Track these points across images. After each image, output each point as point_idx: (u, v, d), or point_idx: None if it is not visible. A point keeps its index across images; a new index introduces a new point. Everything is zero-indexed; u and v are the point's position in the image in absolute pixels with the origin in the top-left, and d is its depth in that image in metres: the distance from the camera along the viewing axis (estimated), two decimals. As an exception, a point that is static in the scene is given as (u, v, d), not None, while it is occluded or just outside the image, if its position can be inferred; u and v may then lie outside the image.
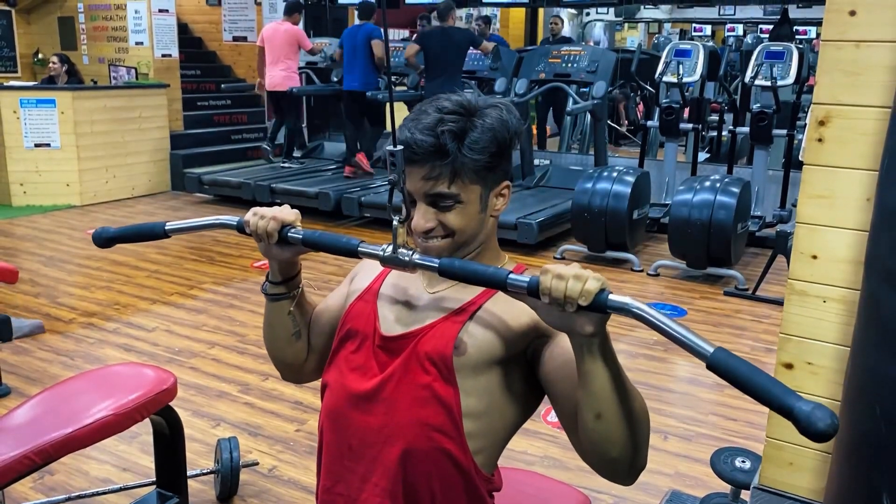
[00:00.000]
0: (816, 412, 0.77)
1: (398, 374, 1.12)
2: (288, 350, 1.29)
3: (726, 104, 7.81)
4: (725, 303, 4.52)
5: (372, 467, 1.13)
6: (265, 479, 2.57)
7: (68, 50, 8.18)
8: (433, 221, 1.12)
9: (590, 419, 0.98)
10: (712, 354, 0.84)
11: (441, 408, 1.10)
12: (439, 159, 1.09)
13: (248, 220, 1.18)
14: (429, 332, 1.13)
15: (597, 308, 0.91)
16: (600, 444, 0.99)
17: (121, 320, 4.07)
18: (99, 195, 7.07)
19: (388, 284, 1.22)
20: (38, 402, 2.02)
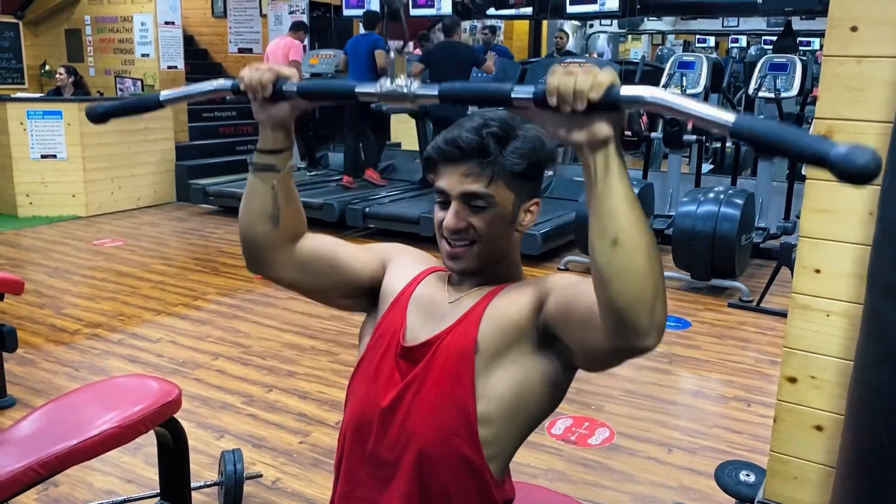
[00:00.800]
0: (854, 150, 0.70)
1: (418, 381, 1.14)
2: (258, 228, 1.22)
3: (730, 116, 7.81)
4: (730, 315, 4.51)
5: (392, 472, 1.15)
6: (269, 492, 2.57)
7: (75, 62, 8.23)
8: (464, 222, 1.14)
9: (606, 250, 0.91)
10: (735, 122, 0.78)
11: (457, 413, 1.11)
12: (480, 157, 1.12)
13: (243, 74, 1.14)
14: (446, 337, 1.15)
15: (609, 101, 0.85)
16: (619, 279, 0.91)
17: (125, 331, 4.08)
18: (104, 206, 7.10)
19: (420, 291, 1.24)
20: (43, 413, 2.03)
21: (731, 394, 3.41)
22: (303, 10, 8.35)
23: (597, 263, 0.92)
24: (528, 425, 1.17)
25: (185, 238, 6.32)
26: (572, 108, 0.87)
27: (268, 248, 1.24)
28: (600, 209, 0.91)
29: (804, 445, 1.43)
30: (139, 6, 7.83)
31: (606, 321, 0.94)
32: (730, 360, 3.80)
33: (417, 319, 1.20)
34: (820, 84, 1.32)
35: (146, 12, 7.79)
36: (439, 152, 1.16)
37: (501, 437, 1.14)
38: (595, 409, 3.20)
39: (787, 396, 1.43)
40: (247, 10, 8.97)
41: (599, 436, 2.98)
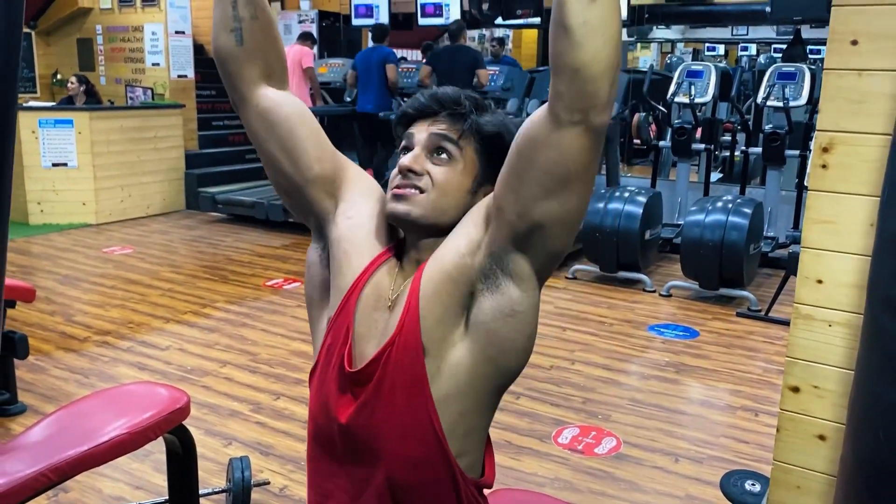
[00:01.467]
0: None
1: (371, 403, 1.09)
2: (222, 38, 1.19)
3: (739, 124, 7.82)
4: (738, 324, 4.50)
5: (363, 487, 1.12)
6: (276, 499, 2.58)
7: (87, 71, 8.31)
8: (420, 166, 1.10)
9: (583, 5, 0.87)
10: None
11: (424, 437, 1.07)
12: (455, 108, 1.12)
13: None
14: (392, 350, 1.08)
15: None
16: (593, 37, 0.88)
17: (134, 339, 4.11)
18: (114, 214, 7.16)
19: (369, 288, 1.14)
20: (53, 420, 2.05)
21: (738, 403, 3.41)
22: (312, 19, 8.42)
23: (569, 24, 0.88)
24: (488, 398, 1.11)
25: (194, 246, 6.36)
26: None
27: (235, 70, 1.19)
28: None
29: (807, 455, 1.44)
30: (150, 16, 7.91)
31: (568, 96, 0.91)
32: (738, 369, 3.80)
33: (363, 328, 1.12)
34: (821, 97, 1.34)
35: (157, 22, 7.86)
36: (415, 105, 1.16)
37: (470, 431, 1.09)
38: (602, 419, 3.20)
39: (790, 406, 1.44)
40: (257, 20, 9.04)
41: (606, 445, 2.98)
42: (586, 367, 3.78)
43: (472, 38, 11.53)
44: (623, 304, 4.86)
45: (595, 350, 4.01)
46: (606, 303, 4.89)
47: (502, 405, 1.21)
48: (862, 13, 1.27)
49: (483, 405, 1.12)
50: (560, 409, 3.28)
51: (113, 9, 8.15)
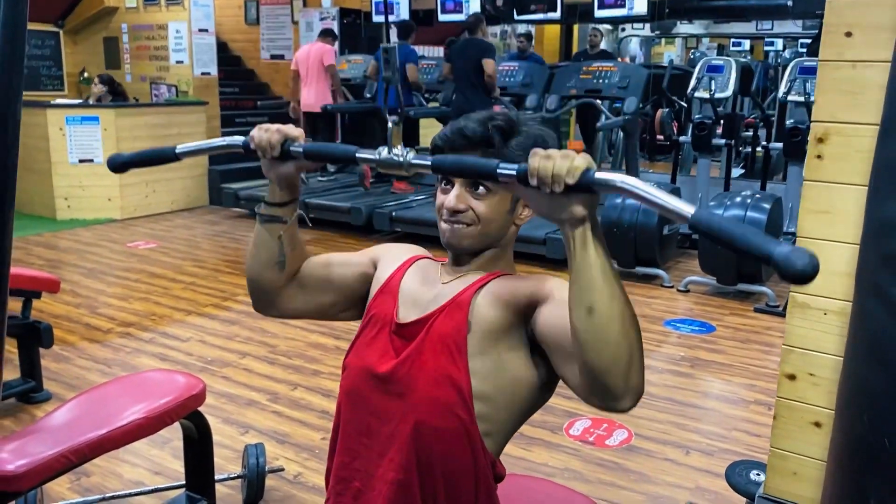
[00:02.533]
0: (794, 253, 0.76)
1: (412, 357, 1.19)
2: (266, 275, 1.31)
3: (760, 119, 7.76)
4: (755, 319, 4.49)
5: (388, 444, 1.20)
6: (290, 485, 2.64)
7: (113, 69, 8.45)
8: (464, 204, 1.21)
9: (582, 317, 0.97)
10: (694, 215, 0.84)
11: (453, 388, 1.15)
12: (485, 147, 1.19)
13: (254, 134, 1.22)
14: (439, 315, 1.20)
15: (584, 185, 0.92)
16: (593, 344, 0.97)
17: (156, 330, 4.20)
18: (139, 209, 7.28)
19: (409, 275, 1.29)
20: (75, 404, 2.13)
21: (752, 398, 3.41)
22: (333, 16, 8.49)
23: (574, 328, 0.99)
24: (521, 413, 1.21)
25: (217, 241, 6.45)
26: (550, 189, 0.94)
27: (274, 291, 1.32)
28: (578, 280, 0.97)
29: (803, 441, 1.46)
30: (174, 14, 8.02)
31: (585, 381, 1.01)
32: (753, 364, 3.79)
33: (409, 300, 1.25)
34: (816, 88, 1.35)
35: (181, 20, 7.97)
36: (446, 140, 1.23)
37: (495, 416, 1.18)
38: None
39: (787, 393, 1.46)
40: (279, 18, 9.13)
41: (617, 437, 3.00)
42: (601, 360, 3.79)
43: (493, 34, 11.54)
44: (640, 300, 4.86)
45: (610, 344, 4.02)
46: (623, 298, 4.88)
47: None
48: (855, 6, 1.28)
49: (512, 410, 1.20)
50: (573, 401, 3.29)
51: (138, 7, 8.28)
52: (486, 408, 1.16)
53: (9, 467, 1.79)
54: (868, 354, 1.09)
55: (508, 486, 1.72)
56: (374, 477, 1.22)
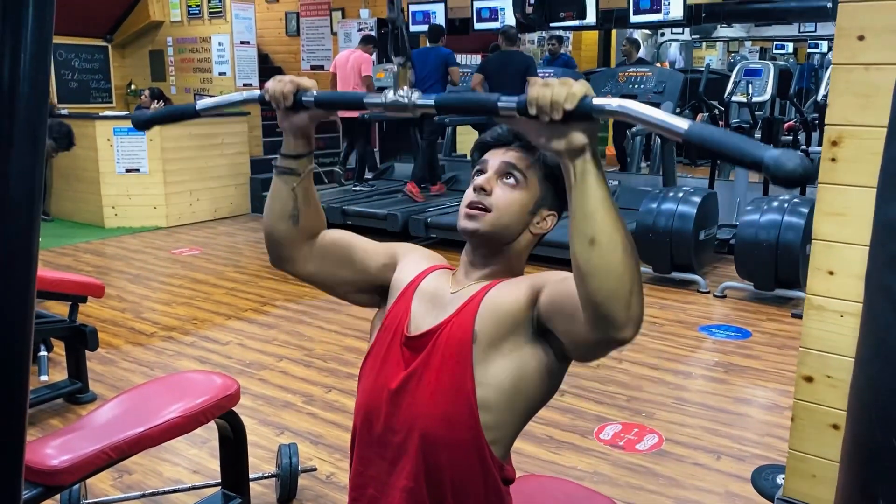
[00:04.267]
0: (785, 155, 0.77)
1: (420, 369, 1.22)
2: (280, 227, 1.33)
3: (799, 123, 7.64)
4: (793, 325, 4.43)
5: (399, 454, 1.23)
6: (323, 485, 2.70)
7: (158, 81, 8.71)
8: (489, 186, 1.24)
9: (584, 248, 0.98)
10: (688, 130, 0.86)
11: (458, 399, 1.18)
12: (528, 142, 1.23)
13: (268, 86, 1.27)
14: (446, 327, 1.22)
15: (583, 111, 0.93)
16: (596, 274, 0.98)
17: (198, 334, 4.32)
18: (183, 217, 7.47)
19: (424, 286, 1.31)
20: (116, 403, 2.22)
21: (786, 403, 3.36)
22: (371, 27, 8.60)
23: (576, 261, 1.00)
24: (525, 412, 1.24)
25: (258, 247, 6.58)
26: (550, 117, 0.95)
27: (288, 245, 1.34)
28: (579, 210, 0.99)
29: (821, 443, 1.46)
30: (217, 27, 8.23)
31: (587, 314, 1.02)
32: (789, 370, 3.74)
33: (421, 310, 1.28)
34: (829, 91, 1.36)
35: (223, 33, 8.17)
36: (495, 135, 1.29)
37: (501, 422, 1.21)
38: (646, 416, 3.22)
39: (804, 395, 1.46)
40: (318, 29, 9.29)
41: (648, 442, 3.00)
42: (633, 366, 3.79)
43: (531, 40, 11.56)
44: (676, 305, 4.84)
45: (644, 349, 4.01)
46: (659, 303, 4.87)
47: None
48: (868, 9, 1.29)
49: (518, 411, 1.23)
50: (604, 406, 3.31)
51: (182, 21, 8.51)
52: (492, 416, 1.19)
53: (53, 462, 1.88)
54: (876, 355, 1.10)
55: (531, 486, 1.75)
56: (387, 484, 1.26)
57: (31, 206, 0.79)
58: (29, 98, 0.78)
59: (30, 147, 0.79)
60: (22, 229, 0.80)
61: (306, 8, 9.39)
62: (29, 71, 0.77)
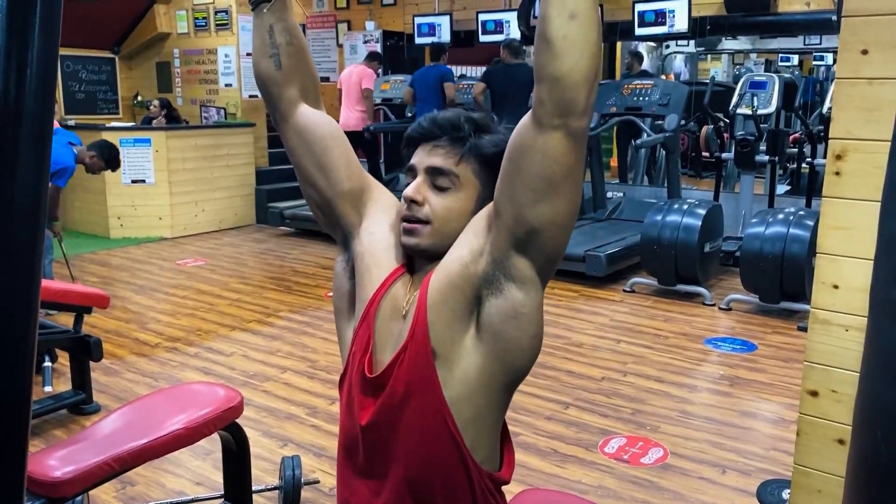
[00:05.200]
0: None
1: (388, 406, 1.16)
2: (262, 64, 1.29)
3: (805, 135, 7.64)
4: (798, 338, 4.40)
5: (381, 484, 1.20)
6: (326, 498, 2.69)
7: (165, 92, 8.75)
8: (421, 196, 1.17)
9: (564, 22, 0.95)
10: None
11: (436, 436, 1.14)
12: (454, 132, 1.18)
13: None
14: (405, 355, 1.15)
15: None
16: (572, 51, 0.95)
17: (202, 345, 4.32)
18: (188, 228, 7.49)
19: (385, 302, 1.21)
20: (119, 415, 2.22)
21: (792, 417, 3.34)
22: (377, 39, 8.64)
23: (551, 37, 0.96)
24: (499, 395, 1.17)
25: (263, 258, 6.60)
26: None
27: (276, 93, 1.29)
28: None
29: (827, 458, 1.45)
30: (223, 39, 8.28)
31: (548, 101, 0.99)
32: (795, 383, 3.72)
33: (382, 337, 1.20)
34: (833, 105, 1.36)
35: (229, 45, 8.23)
36: (417, 129, 1.22)
37: (482, 433, 1.16)
38: (650, 430, 3.21)
39: (809, 410, 1.45)
40: (324, 41, 9.33)
41: (653, 455, 2.99)
42: (638, 378, 3.77)
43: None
44: (681, 318, 4.82)
45: (648, 362, 4.00)
46: (664, 316, 4.85)
47: (550, 414, 1.28)
48: (872, 24, 1.29)
49: (494, 402, 1.18)
50: (608, 419, 3.30)
51: (189, 33, 8.57)
52: (472, 429, 1.14)
53: (56, 473, 1.88)
54: (881, 370, 1.09)
55: (535, 499, 1.75)
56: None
57: (37, 218, 0.80)
58: (35, 111, 0.78)
59: (35, 160, 0.79)
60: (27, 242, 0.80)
61: (312, 20, 9.44)
62: (35, 84, 0.78)
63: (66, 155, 4.63)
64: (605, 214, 6.73)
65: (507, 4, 7.80)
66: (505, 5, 7.83)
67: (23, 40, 0.78)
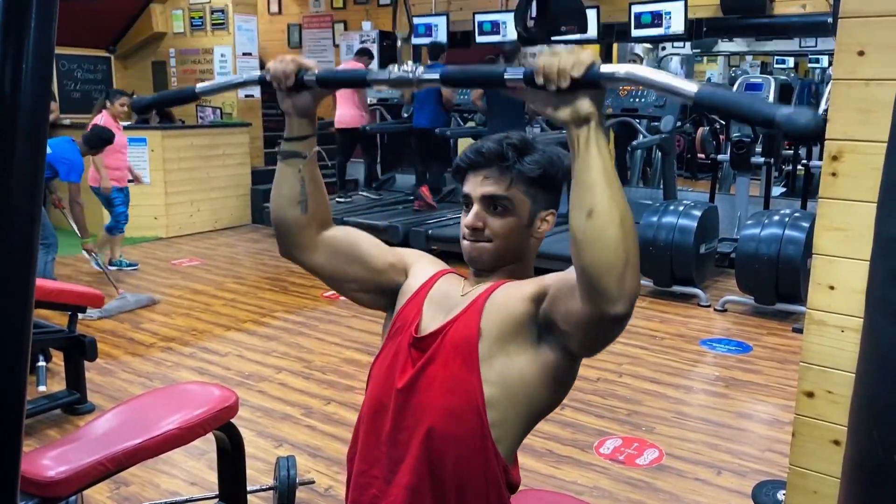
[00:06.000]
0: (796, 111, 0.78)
1: (427, 366, 1.24)
2: (290, 213, 1.33)
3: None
4: (794, 339, 4.41)
5: (404, 451, 1.24)
6: (321, 498, 2.69)
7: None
8: (481, 222, 1.27)
9: (582, 219, 1.00)
10: (698, 92, 0.86)
11: (464, 395, 1.19)
12: (500, 162, 1.25)
13: (270, 66, 1.26)
14: (453, 324, 1.24)
15: (591, 78, 0.93)
16: (591, 245, 1.00)
17: (197, 345, 4.31)
18: (184, 228, 7.47)
19: (435, 289, 1.33)
20: (113, 415, 2.21)
21: (787, 418, 3.35)
22: (373, 39, 8.63)
23: (573, 231, 1.01)
24: (530, 415, 1.24)
25: (258, 258, 6.59)
26: (557, 85, 0.95)
27: (298, 233, 1.34)
28: (580, 181, 1.00)
29: (823, 459, 1.45)
30: (219, 39, 8.27)
31: (581, 287, 1.03)
32: (790, 385, 3.73)
33: (430, 312, 1.29)
34: (830, 106, 1.36)
35: (226, 44, 8.21)
36: (465, 160, 1.30)
37: (507, 421, 1.21)
38: (646, 431, 3.21)
39: (805, 411, 1.45)
40: (320, 41, 9.33)
41: (648, 456, 2.99)
42: (634, 379, 3.78)
43: (532, 54, 11.59)
44: (676, 319, 4.83)
45: (644, 363, 4.00)
46: (659, 317, 4.86)
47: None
48: (868, 25, 1.29)
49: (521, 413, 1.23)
50: (604, 420, 3.30)
51: (185, 32, 8.55)
52: (498, 414, 1.20)
53: (49, 473, 1.87)
54: (877, 371, 1.09)
55: (531, 500, 1.74)
56: (390, 483, 1.25)
57: (31, 217, 0.79)
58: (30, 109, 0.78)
59: (31, 158, 0.79)
60: (22, 241, 0.79)
61: (309, 20, 9.44)
62: (30, 82, 0.77)
63: (72, 151, 4.98)
64: (600, 215, 6.73)
65: (504, 5, 7.80)
66: (502, 6, 7.83)
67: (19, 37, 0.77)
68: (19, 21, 0.77)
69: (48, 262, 4.70)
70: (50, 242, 4.72)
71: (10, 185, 0.78)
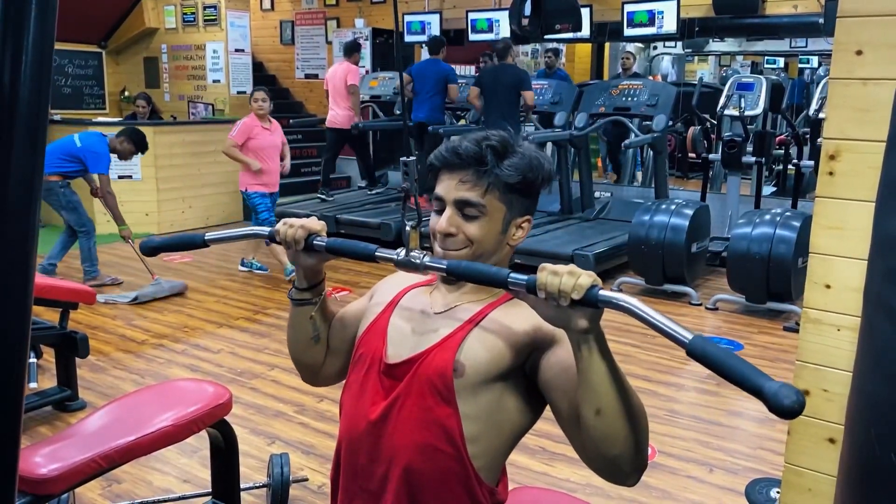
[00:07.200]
0: (783, 390, 0.82)
1: (401, 398, 1.19)
2: (308, 352, 1.37)
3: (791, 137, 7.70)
4: (784, 338, 4.44)
5: (382, 485, 1.20)
6: (314, 496, 2.68)
7: (152, 88, 8.69)
8: (454, 227, 1.21)
9: (590, 416, 1.02)
10: (691, 341, 0.89)
11: (441, 431, 1.16)
12: (478, 166, 1.19)
13: (279, 229, 1.27)
14: (428, 356, 1.19)
15: (589, 302, 0.96)
16: (601, 441, 1.02)
17: (189, 342, 4.29)
18: (176, 224, 7.44)
19: (399, 311, 1.28)
20: (105, 412, 2.20)
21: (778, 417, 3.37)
22: (366, 36, 8.62)
23: (583, 426, 1.04)
24: (515, 437, 1.22)
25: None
26: (557, 303, 0.98)
27: (318, 370, 1.40)
28: (585, 383, 1.02)
29: (818, 457, 1.46)
30: (212, 35, 8.23)
31: (594, 464, 1.08)
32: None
33: (400, 335, 1.24)
34: (827, 106, 1.37)
35: (218, 41, 8.17)
36: (440, 159, 1.23)
37: (490, 451, 1.19)
38: (638, 428, 3.21)
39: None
40: (313, 38, 9.31)
41: (641, 454, 2.99)
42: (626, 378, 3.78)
43: (525, 52, 11.60)
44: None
45: (636, 361, 4.01)
46: (651, 315, 4.86)
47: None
48: (866, 24, 1.30)
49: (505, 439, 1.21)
50: (597, 418, 3.30)
51: (177, 28, 8.51)
52: (480, 447, 1.17)
53: (41, 471, 1.86)
54: (875, 369, 1.10)
55: (524, 498, 1.74)
56: None
57: (30, 211, 0.79)
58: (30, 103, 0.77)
59: (29, 152, 0.78)
60: (20, 236, 0.79)
61: (301, 17, 9.41)
62: (30, 76, 0.77)
63: (100, 144, 5.32)
64: (593, 214, 6.75)
65: (498, 4, 7.81)
66: (495, 4, 7.83)
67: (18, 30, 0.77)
68: (19, 15, 0.76)
69: (91, 248, 5.48)
70: (88, 229, 5.44)
71: (9, 181, 0.77)
